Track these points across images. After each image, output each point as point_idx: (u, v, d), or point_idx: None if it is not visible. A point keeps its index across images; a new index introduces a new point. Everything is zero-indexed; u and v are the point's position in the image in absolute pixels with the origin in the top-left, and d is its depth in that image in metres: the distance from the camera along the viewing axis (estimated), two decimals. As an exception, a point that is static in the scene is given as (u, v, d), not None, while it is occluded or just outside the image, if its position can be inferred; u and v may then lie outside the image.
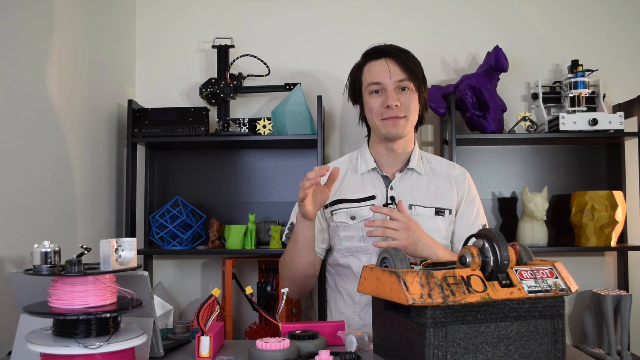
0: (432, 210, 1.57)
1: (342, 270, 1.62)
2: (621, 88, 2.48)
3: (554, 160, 2.51)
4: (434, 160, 1.67)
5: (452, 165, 1.68)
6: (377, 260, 1.13)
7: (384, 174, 1.62)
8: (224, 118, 2.38)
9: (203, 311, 1.11)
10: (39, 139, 1.75)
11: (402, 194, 1.58)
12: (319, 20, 2.60)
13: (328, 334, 1.23)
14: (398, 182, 1.60)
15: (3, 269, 1.52)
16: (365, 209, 1.57)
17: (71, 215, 1.94)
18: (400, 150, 1.60)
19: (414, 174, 1.61)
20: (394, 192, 1.58)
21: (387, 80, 1.53)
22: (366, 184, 1.61)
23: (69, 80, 1.95)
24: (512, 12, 2.57)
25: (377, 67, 1.55)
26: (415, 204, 1.57)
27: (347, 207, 1.59)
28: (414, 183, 1.60)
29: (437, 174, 1.63)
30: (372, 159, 1.63)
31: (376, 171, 1.62)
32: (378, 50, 1.58)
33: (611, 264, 2.50)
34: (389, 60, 1.54)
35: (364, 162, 1.64)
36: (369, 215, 1.56)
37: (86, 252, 1.02)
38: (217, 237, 2.34)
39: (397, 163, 1.62)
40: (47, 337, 0.95)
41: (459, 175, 1.64)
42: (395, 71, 1.53)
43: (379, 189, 1.60)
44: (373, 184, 1.61)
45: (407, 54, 1.57)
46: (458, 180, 1.63)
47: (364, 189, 1.61)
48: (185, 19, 2.62)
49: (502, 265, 1.00)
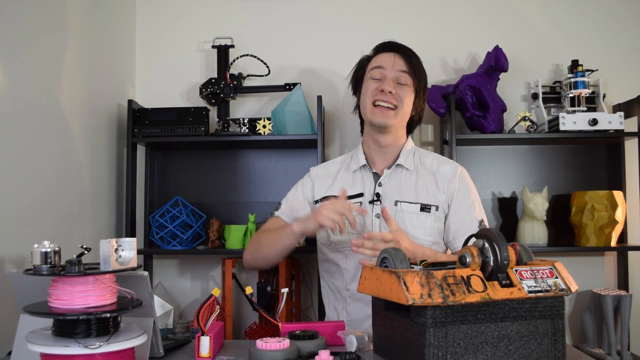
0: (417, 206, 1.57)
1: (329, 266, 1.66)
2: (621, 88, 2.48)
3: (554, 160, 2.51)
4: (426, 157, 1.67)
5: (444, 162, 1.66)
6: (377, 260, 1.13)
7: (373, 171, 1.64)
8: (224, 118, 2.38)
9: (203, 311, 1.11)
10: (39, 139, 1.75)
11: (389, 191, 1.59)
12: (319, 20, 2.59)
13: (328, 334, 1.23)
14: (386, 178, 1.61)
15: (3, 269, 1.52)
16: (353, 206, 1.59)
17: (71, 215, 1.94)
18: (388, 145, 1.62)
19: (402, 170, 1.62)
20: (382, 189, 1.60)
21: (389, 68, 1.58)
22: (357, 181, 1.64)
23: (69, 80, 1.95)
24: (512, 12, 2.57)
25: (385, 57, 1.61)
26: (402, 200, 1.57)
27: None
28: (402, 179, 1.61)
29: (426, 170, 1.63)
30: (363, 156, 1.65)
31: (366, 168, 1.64)
32: (390, 44, 1.63)
33: (611, 264, 2.50)
34: (396, 54, 1.59)
35: (356, 159, 1.67)
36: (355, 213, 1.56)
37: (86, 252, 1.02)
38: (217, 237, 2.34)
39: (387, 159, 1.64)
40: (47, 337, 0.95)
41: (448, 172, 1.62)
42: (399, 63, 1.58)
43: (367, 186, 1.62)
44: (362, 181, 1.63)
45: (415, 56, 1.62)
46: (447, 177, 1.61)
47: (354, 186, 1.63)
48: (185, 19, 2.62)
49: (502, 265, 1.00)
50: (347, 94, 2.55)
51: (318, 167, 1.76)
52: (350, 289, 1.60)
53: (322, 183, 1.68)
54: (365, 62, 1.67)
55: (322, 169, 1.73)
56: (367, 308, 1.57)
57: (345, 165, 1.69)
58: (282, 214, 1.67)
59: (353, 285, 1.58)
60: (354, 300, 1.59)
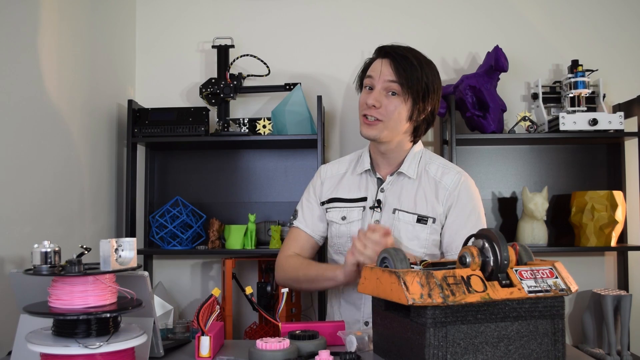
0: (414, 217, 1.53)
1: None
2: (621, 88, 2.48)
3: (554, 160, 2.51)
4: (432, 163, 1.60)
5: (449, 170, 1.58)
6: (377, 260, 1.13)
7: (378, 176, 1.61)
8: (224, 118, 2.38)
9: (203, 311, 1.11)
10: (39, 139, 1.75)
11: (389, 197, 1.57)
12: (319, 20, 2.59)
13: (328, 334, 1.23)
14: (389, 184, 1.58)
15: (3, 269, 1.52)
16: (356, 210, 1.58)
17: (71, 215, 1.94)
18: (389, 153, 1.58)
19: (404, 178, 1.58)
20: (384, 195, 1.57)
21: (377, 78, 1.51)
22: (361, 185, 1.62)
23: (69, 80, 1.95)
24: (512, 12, 2.57)
25: (376, 64, 1.54)
26: (400, 209, 1.54)
27: (340, 206, 1.60)
28: (403, 187, 1.57)
29: (429, 178, 1.57)
30: (369, 160, 1.62)
31: (371, 172, 1.62)
32: (382, 49, 1.56)
33: (611, 264, 2.50)
34: (384, 61, 1.52)
35: (362, 162, 1.64)
36: (357, 217, 1.57)
37: (86, 252, 1.02)
38: (217, 237, 2.34)
39: (391, 165, 1.61)
40: (47, 337, 0.95)
41: (450, 183, 1.55)
42: (386, 72, 1.50)
43: (370, 191, 1.59)
44: (366, 185, 1.61)
45: (407, 60, 1.50)
46: (448, 189, 1.54)
47: (358, 189, 1.61)
48: (185, 19, 2.62)
49: (502, 265, 1.00)
50: (347, 94, 2.56)
51: (328, 165, 1.71)
52: (344, 291, 1.59)
53: (330, 184, 1.66)
54: (367, 66, 1.61)
55: (332, 168, 1.69)
56: (357, 312, 1.57)
57: (352, 167, 1.67)
58: (301, 223, 1.65)
59: (347, 287, 1.57)
60: (347, 303, 1.59)
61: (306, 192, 1.70)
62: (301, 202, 1.69)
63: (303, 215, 1.66)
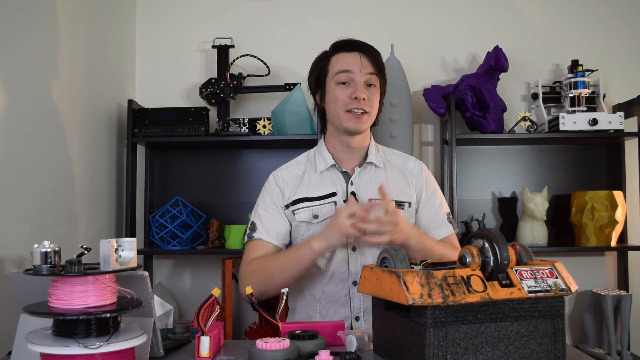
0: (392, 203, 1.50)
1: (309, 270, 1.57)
2: (621, 88, 2.48)
3: (554, 160, 2.51)
4: (389, 153, 1.68)
5: (407, 158, 1.67)
6: (377, 260, 1.13)
7: (343, 170, 1.61)
8: (224, 118, 2.38)
9: (203, 311, 1.11)
10: (39, 139, 1.75)
11: (362, 189, 1.57)
12: (319, 20, 2.59)
13: (328, 334, 1.23)
14: (357, 177, 1.59)
15: (3, 269, 1.52)
16: (327, 207, 1.56)
17: (71, 215, 1.94)
18: (357, 146, 1.60)
19: (372, 168, 1.61)
20: (354, 187, 1.58)
21: (358, 72, 1.53)
22: (326, 181, 1.60)
23: (69, 81, 1.95)
24: (512, 12, 2.57)
25: (349, 58, 1.56)
26: (376, 198, 1.53)
27: (308, 205, 1.58)
28: (373, 177, 1.60)
29: (393, 167, 1.64)
30: (329, 155, 1.61)
31: (335, 167, 1.61)
32: (351, 42, 1.59)
33: (611, 264, 2.50)
34: (361, 54, 1.55)
35: (322, 159, 1.62)
36: (329, 213, 1.54)
37: (86, 252, 1.02)
38: (217, 237, 2.34)
39: (355, 158, 1.62)
40: (47, 337, 0.95)
41: (414, 168, 1.64)
42: (366, 64, 1.54)
43: (339, 185, 1.59)
44: (333, 180, 1.60)
45: (376, 52, 1.58)
46: (414, 174, 1.63)
47: (324, 186, 1.59)
48: (185, 19, 2.62)
49: (502, 265, 1.00)
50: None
51: (280, 170, 1.66)
52: (325, 290, 1.56)
53: (291, 186, 1.62)
54: (324, 63, 1.61)
55: (286, 172, 1.65)
56: (343, 310, 1.54)
57: (310, 166, 1.64)
58: (263, 234, 1.57)
59: (329, 286, 1.55)
60: (330, 302, 1.56)
61: (261, 202, 1.62)
62: (257, 213, 1.61)
63: (264, 226, 1.58)
